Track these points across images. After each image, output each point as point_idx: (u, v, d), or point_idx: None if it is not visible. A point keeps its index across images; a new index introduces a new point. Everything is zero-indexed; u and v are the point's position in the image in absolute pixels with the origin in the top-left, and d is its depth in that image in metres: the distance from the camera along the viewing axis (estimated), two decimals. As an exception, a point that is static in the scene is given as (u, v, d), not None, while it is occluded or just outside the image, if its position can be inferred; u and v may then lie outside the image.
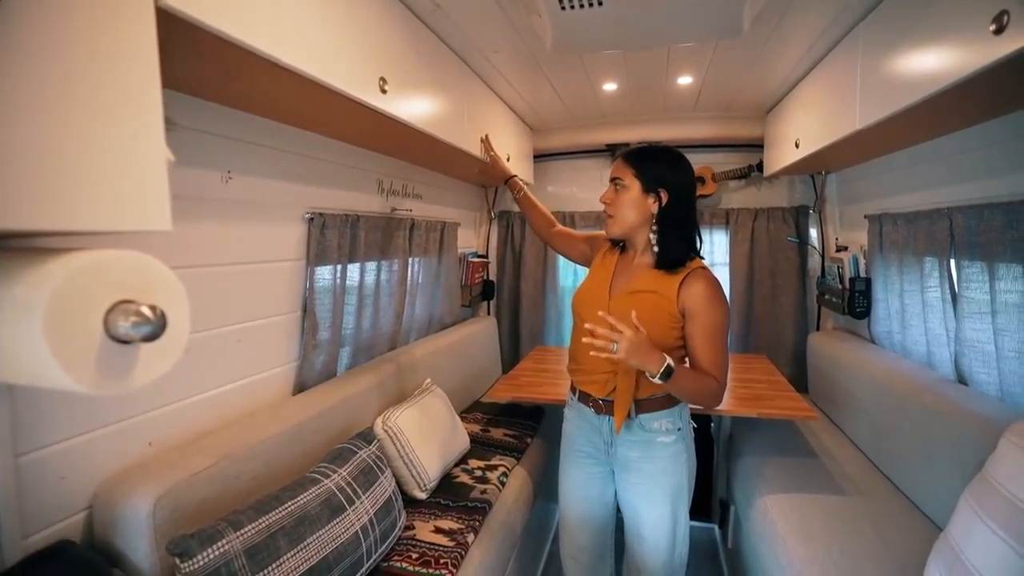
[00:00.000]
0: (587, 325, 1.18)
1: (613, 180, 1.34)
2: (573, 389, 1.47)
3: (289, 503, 1.16)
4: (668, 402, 1.34)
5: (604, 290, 1.37)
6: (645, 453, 1.34)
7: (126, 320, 0.55)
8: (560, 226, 1.72)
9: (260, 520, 1.07)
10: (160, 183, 0.66)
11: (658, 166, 1.30)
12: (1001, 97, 1.23)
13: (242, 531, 1.03)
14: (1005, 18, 0.87)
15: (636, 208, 1.31)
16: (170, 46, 0.85)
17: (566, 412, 1.53)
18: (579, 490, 1.48)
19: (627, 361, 1.14)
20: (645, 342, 1.16)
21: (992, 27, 0.91)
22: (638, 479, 1.36)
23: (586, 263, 1.58)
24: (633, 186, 1.30)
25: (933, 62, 1.14)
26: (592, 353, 1.15)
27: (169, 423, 1.20)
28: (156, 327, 0.56)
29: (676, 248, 1.30)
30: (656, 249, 1.31)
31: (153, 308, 0.56)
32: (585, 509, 1.48)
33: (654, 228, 1.31)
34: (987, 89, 1.13)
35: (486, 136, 1.96)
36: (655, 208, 1.30)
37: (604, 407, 1.36)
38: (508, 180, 1.89)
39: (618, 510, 1.49)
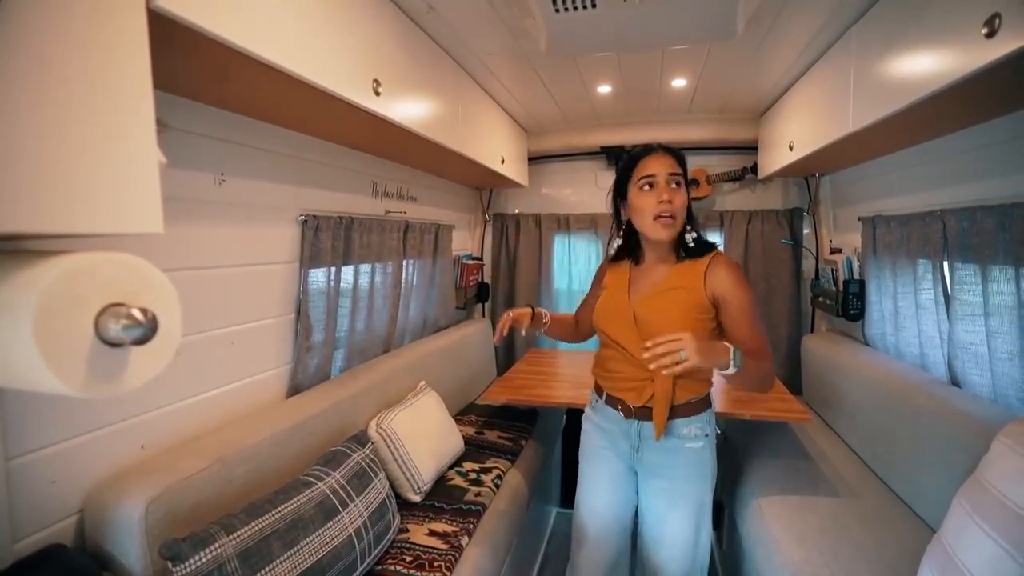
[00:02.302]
0: (646, 344, 1.10)
1: (672, 176, 1.23)
2: (599, 391, 1.43)
3: (282, 506, 1.15)
4: (700, 407, 1.31)
5: (624, 299, 1.32)
6: (672, 459, 1.31)
7: (117, 323, 0.54)
8: (575, 315, 1.61)
9: (253, 523, 1.07)
10: (152, 185, 0.65)
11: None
12: (994, 100, 1.24)
13: (235, 534, 1.03)
14: (997, 21, 0.88)
15: (685, 208, 1.26)
16: (162, 48, 0.84)
17: (588, 413, 1.48)
18: (602, 486, 1.42)
19: (701, 363, 1.06)
20: (705, 339, 1.12)
21: (984, 30, 0.92)
22: (663, 484, 1.33)
23: None
24: (682, 185, 1.25)
25: (926, 65, 1.15)
26: (665, 372, 1.07)
27: (162, 426, 1.19)
28: (147, 330, 0.56)
29: (700, 236, 1.30)
30: (692, 245, 1.28)
31: (144, 311, 0.56)
32: (605, 506, 1.43)
33: (687, 227, 1.29)
34: (980, 92, 1.14)
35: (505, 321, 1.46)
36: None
37: (635, 412, 1.32)
38: (533, 317, 1.51)
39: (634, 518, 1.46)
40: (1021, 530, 0.94)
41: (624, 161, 1.32)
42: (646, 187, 1.24)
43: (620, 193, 1.34)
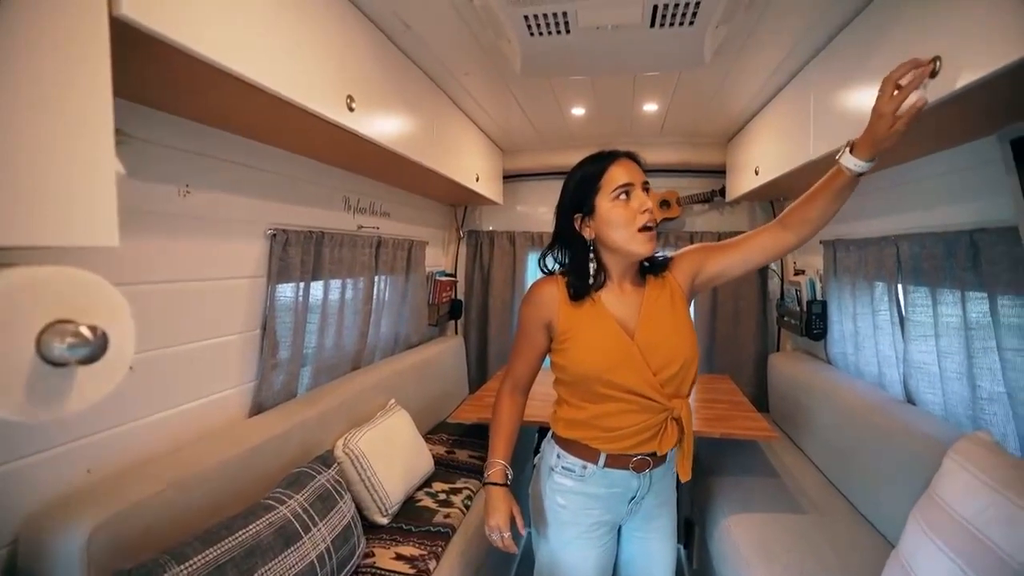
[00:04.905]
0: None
1: (645, 183, 1.09)
2: (589, 456, 1.13)
3: (240, 532, 1.10)
4: None
5: (621, 337, 1.08)
6: (667, 491, 1.22)
7: (61, 341, 0.52)
8: (510, 381, 1.26)
9: (207, 551, 1.02)
10: (108, 196, 0.63)
11: None
12: (940, 134, 1.32)
13: (187, 564, 0.98)
14: (938, 63, 0.94)
15: None
16: (127, 56, 0.83)
17: (569, 486, 1.16)
18: (601, 570, 1.19)
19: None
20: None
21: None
22: (659, 524, 1.22)
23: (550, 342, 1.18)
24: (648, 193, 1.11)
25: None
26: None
27: (111, 448, 1.13)
28: (95, 348, 0.53)
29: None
30: (647, 263, 1.17)
31: (93, 328, 0.53)
32: None
33: None
34: (927, 127, 1.20)
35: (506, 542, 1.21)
36: None
37: (651, 461, 1.13)
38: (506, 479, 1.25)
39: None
40: (969, 544, 0.97)
41: (584, 169, 1.11)
42: (622, 196, 1.06)
43: (582, 208, 1.10)
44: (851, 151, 1.00)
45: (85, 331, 0.52)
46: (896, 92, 0.92)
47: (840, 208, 1.08)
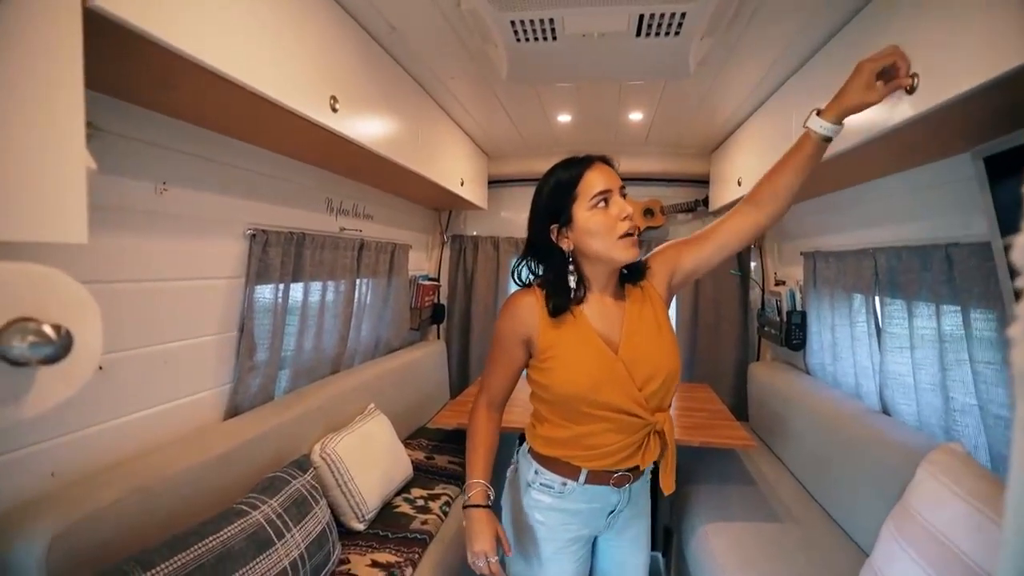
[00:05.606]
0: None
1: (622, 188, 1.05)
2: (569, 473, 1.09)
3: (210, 538, 1.07)
4: None
5: (606, 354, 1.03)
6: (643, 501, 1.21)
7: (22, 340, 0.49)
8: (493, 402, 1.21)
9: (175, 558, 0.99)
10: (77, 192, 0.61)
11: None
12: (917, 149, 1.34)
13: (153, 570, 0.94)
14: (915, 80, 0.96)
15: None
16: (103, 49, 0.81)
17: (548, 503, 1.12)
18: None
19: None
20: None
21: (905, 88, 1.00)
22: (633, 532, 1.21)
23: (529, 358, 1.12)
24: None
25: (855, 117, 1.23)
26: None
27: (77, 451, 1.09)
28: (58, 348, 0.51)
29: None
30: (625, 270, 1.11)
31: (57, 327, 0.51)
32: None
33: None
34: (904, 142, 1.23)
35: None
36: None
37: (631, 475, 1.10)
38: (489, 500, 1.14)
39: None
40: (940, 554, 0.99)
41: (558, 176, 1.06)
42: (601, 204, 1.01)
43: (558, 218, 1.05)
44: (818, 115, 1.01)
45: (48, 330, 0.50)
46: (890, 60, 0.97)
47: (804, 179, 1.06)
